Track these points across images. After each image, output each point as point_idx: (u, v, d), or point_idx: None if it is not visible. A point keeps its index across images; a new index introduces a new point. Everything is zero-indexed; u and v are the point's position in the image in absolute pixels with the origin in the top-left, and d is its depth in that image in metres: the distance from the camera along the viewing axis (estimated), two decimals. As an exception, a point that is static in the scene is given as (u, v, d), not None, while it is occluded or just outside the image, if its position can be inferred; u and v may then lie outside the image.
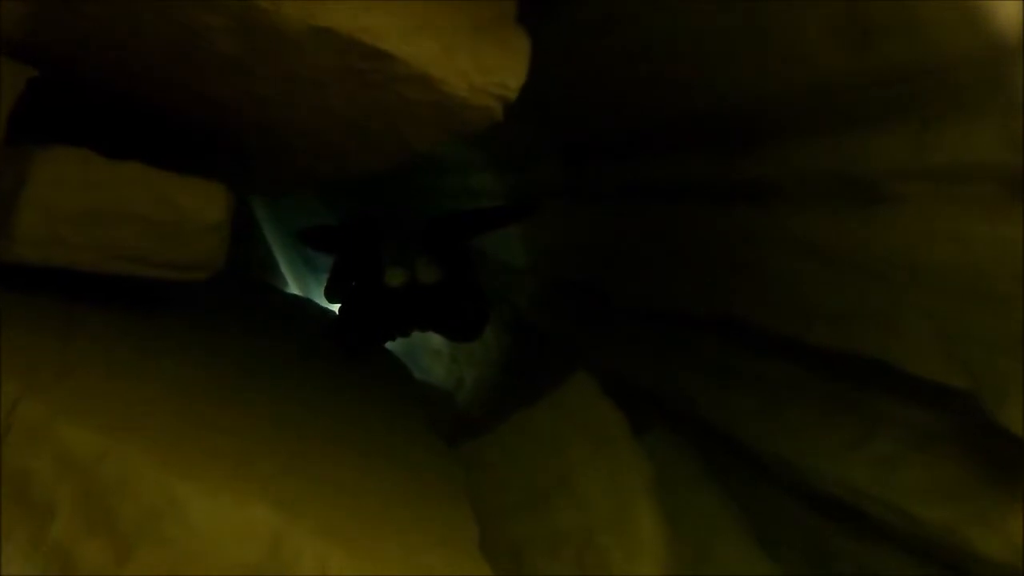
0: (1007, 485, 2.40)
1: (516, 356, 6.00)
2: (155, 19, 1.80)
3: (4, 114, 1.96)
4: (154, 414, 2.05)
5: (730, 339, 3.58)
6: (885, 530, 2.81)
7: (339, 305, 4.67)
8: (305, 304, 5.86)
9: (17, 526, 1.62)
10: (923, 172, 2.28)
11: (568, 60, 3.13)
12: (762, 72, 2.60)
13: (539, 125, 4.63)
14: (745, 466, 3.48)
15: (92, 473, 1.70)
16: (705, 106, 3.15)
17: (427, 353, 7.04)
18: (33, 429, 1.63)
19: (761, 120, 2.91)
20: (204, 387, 2.44)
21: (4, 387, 1.73)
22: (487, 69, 1.89)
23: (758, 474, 3.43)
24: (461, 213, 5.53)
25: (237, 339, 3.12)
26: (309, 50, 1.75)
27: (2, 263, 2.09)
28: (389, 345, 6.66)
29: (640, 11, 2.80)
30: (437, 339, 6.85)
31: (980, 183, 2.16)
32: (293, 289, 8.75)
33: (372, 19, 1.80)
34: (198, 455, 1.90)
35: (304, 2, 1.72)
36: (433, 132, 2.05)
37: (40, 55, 2.04)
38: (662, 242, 3.98)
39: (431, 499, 2.54)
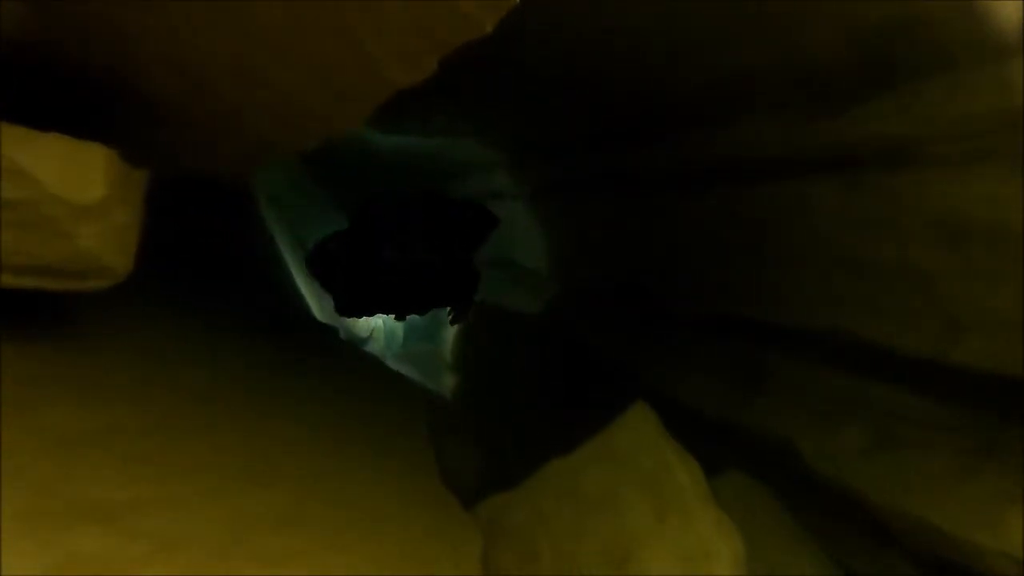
0: None
1: (545, 370, 5.24)
2: None
3: None
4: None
5: (825, 358, 2.78)
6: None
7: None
8: (303, 313, 5.15)
9: None
10: None
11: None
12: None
13: (570, 107, 3.89)
14: (850, 519, 2.68)
15: None
16: (800, 47, 2.33)
17: (445, 368, 6.36)
18: None
19: (876, 62, 2.12)
20: (117, 435, 1.73)
21: None
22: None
23: (868, 530, 2.63)
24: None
25: (186, 359, 2.41)
26: None
27: None
28: (401, 358, 6.14)
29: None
30: (454, 352, 6.22)
31: None
32: (305, 295, 8.09)
33: None
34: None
35: None
36: (411, 42, 1.28)
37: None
38: (726, 234, 3.18)
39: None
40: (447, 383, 6.29)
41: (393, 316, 4.96)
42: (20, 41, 1.61)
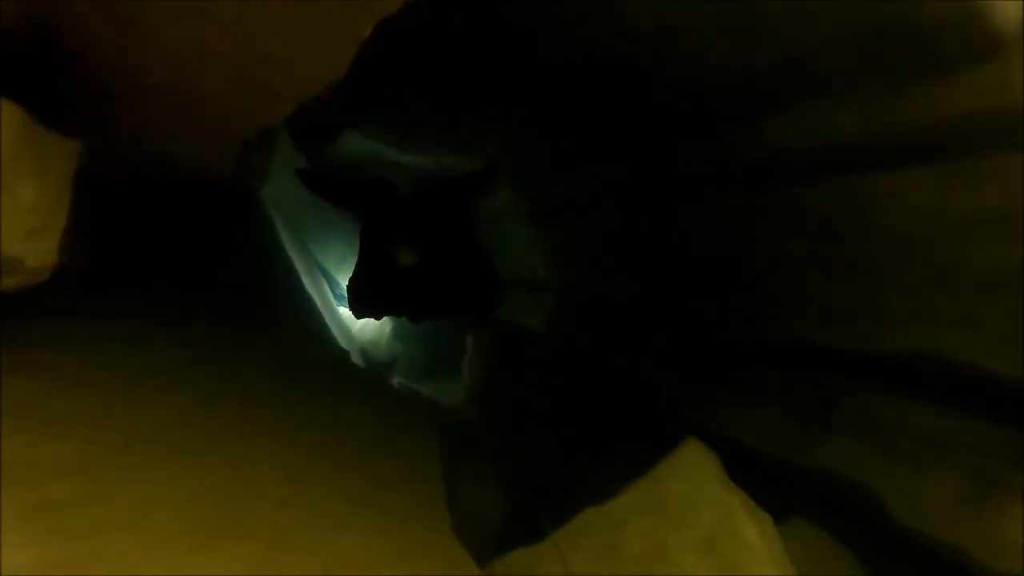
0: None
1: (566, 392, 4.82)
2: None
3: None
4: None
5: (906, 388, 2.35)
6: None
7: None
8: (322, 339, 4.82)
9: None
10: None
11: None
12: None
13: (589, 106, 3.55)
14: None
15: None
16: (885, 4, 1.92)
17: (464, 393, 6.00)
18: None
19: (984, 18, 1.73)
20: (52, 473, 1.38)
21: None
22: None
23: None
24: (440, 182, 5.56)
25: (163, 381, 2.07)
26: None
27: None
28: (421, 384, 6.05)
29: None
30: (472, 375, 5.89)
31: None
32: (321, 310, 7.81)
33: None
34: None
35: None
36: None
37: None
38: (783, 241, 2.75)
39: None
40: (466, 408, 5.95)
41: (407, 318, 4.99)
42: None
